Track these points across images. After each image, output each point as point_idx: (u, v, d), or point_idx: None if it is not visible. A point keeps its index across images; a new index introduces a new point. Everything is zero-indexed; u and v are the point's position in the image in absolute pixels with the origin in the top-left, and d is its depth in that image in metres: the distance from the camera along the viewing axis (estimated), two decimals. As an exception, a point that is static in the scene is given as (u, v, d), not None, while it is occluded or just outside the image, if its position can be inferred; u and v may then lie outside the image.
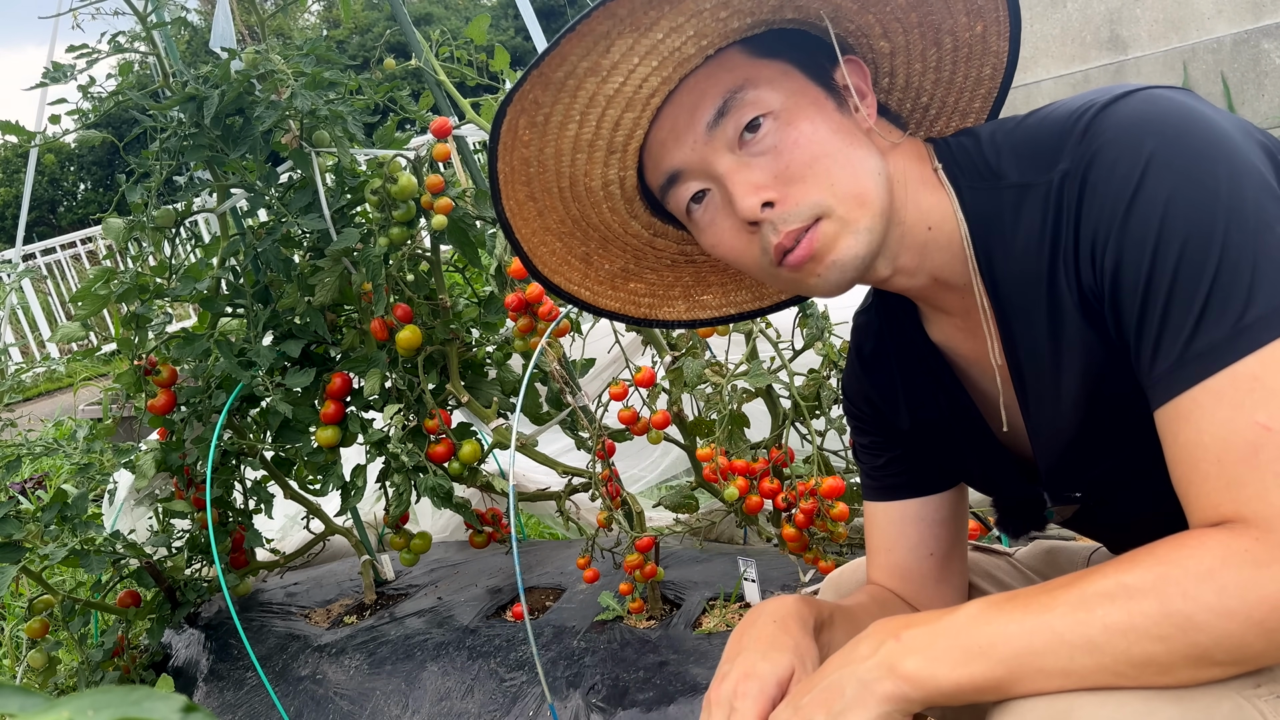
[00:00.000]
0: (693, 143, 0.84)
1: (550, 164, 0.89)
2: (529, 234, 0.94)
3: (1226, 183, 0.69)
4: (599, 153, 0.88)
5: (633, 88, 0.82)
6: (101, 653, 2.21)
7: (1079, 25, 5.60)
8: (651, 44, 0.79)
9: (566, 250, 0.97)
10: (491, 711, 1.84)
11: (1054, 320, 0.80)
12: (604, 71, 0.80)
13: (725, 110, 0.82)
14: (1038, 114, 0.82)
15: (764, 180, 0.82)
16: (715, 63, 0.83)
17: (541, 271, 0.97)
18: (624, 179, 0.91)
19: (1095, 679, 0.66)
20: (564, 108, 0.83)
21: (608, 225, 0.96)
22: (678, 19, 0.78)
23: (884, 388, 1.04)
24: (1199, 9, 5.22)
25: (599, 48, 0.79)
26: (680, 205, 0.88)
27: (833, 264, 0.83)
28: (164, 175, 2.05)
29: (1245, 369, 0.66)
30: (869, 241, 0.83)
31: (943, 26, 0.87)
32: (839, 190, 0.81)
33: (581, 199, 0.93)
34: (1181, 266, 0.69)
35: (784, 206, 0.81)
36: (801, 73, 0.84)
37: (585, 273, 0.99)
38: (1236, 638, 0.63)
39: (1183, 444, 0.70)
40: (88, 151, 21.91)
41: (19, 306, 9.24)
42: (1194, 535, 0.67)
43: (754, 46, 0.84)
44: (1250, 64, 5.11)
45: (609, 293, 1.01)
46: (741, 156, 0.82)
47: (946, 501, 1.04)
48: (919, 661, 0.70)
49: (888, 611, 1.01)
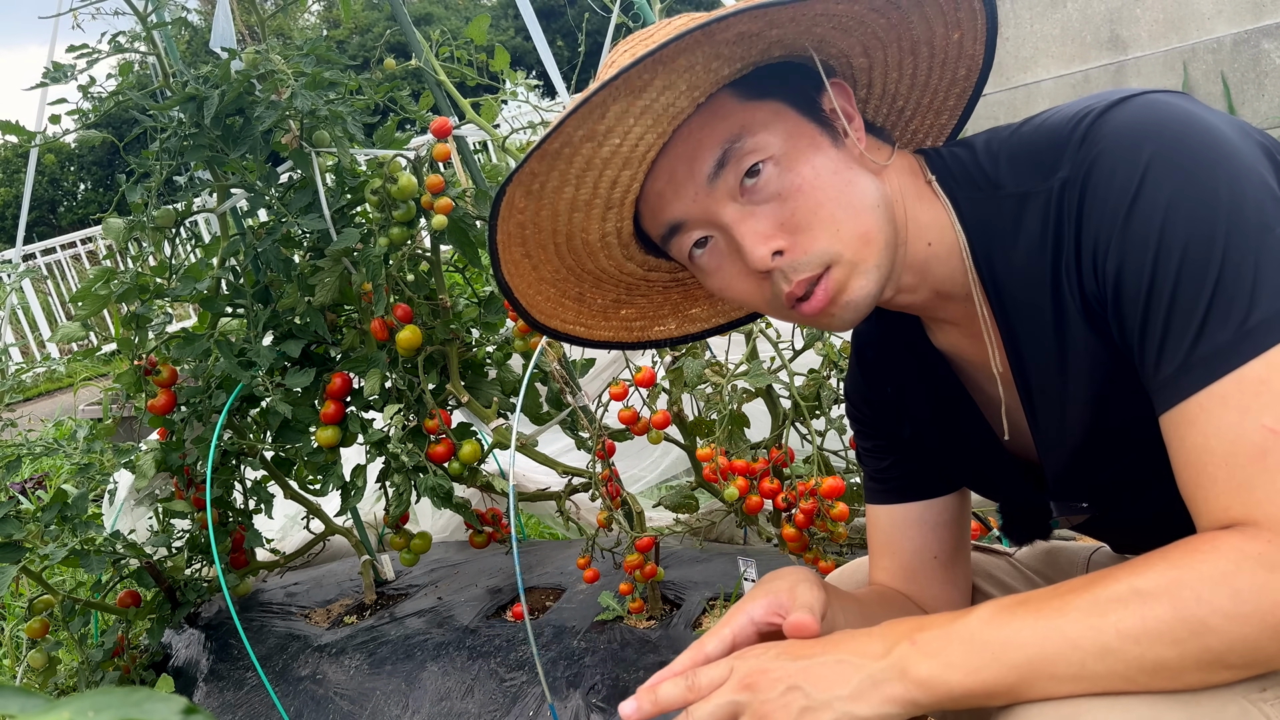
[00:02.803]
0: (694, 195, 0.83)
1: (546, 225, 0.89)
2: (524, 286, 0.94)
3: (1226, 186, 0.69)
4: (596, 210, 0.88)
5: (629, 147, 0.82)
6: (101, 653, 2.20)
7: (1079, 25, 5.60)
8: (645, 104, 0.79)
9: (560, 294, 0.97)
10: (491, 711, 1.84)
11: (1059, 327, 0.80)
12: (599, 137, 0.81)
13: (725, 161, 0.82)
14: (1033, 121, 0.82)
15: (770, 230, 0.82)
16: (707, 110, 0.82)
17: (538, 319, 0.97)
18: (621, 229, 0.91)
19: (1106, 684, 0.66)
20: (559, 174, 0.84)
21: (602, 269, 0.96)
22: (670, 77, 0.78)
23: (886, 395, 1.04)
24: (1199, 9, 5.22)
25: (594, 115, 0.79)
26: (683, 252, 0.88)
27: (847, 305, 0.83)
28: (164, 175, 2.05)
29: (1251, 372, 0.66)
30: (878, 278, 0.83)
31: (920, 38, 0.87)
32: (845, 235, 0.81)
33: (578, 251, 0.93)
34: (1183, 271, 0.69)
35: (793, 255, 0.81)
36: (793, 110, 0.84)
37: (579, 310, 1.00)
38: (1250, 641, 0.63)
39: (1189, 448, 0.69)
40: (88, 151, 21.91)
41: (19, 306, 9.24)
42: (1206, 539, 0.67)
43: (744, 89, 0.83)
44: (1250, 64, 5.11)
45: (602, 324, 1.02)
46: (745, 205, 0.82)
47: (950, 504, 1.04)
48: (932, 666, 0.70)
49: (895, 608, 1.01)
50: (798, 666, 0.74)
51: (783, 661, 0.75)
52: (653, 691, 0.78)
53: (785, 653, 0.76)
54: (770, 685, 0.73)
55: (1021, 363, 0.85)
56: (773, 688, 0.73)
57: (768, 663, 0.75)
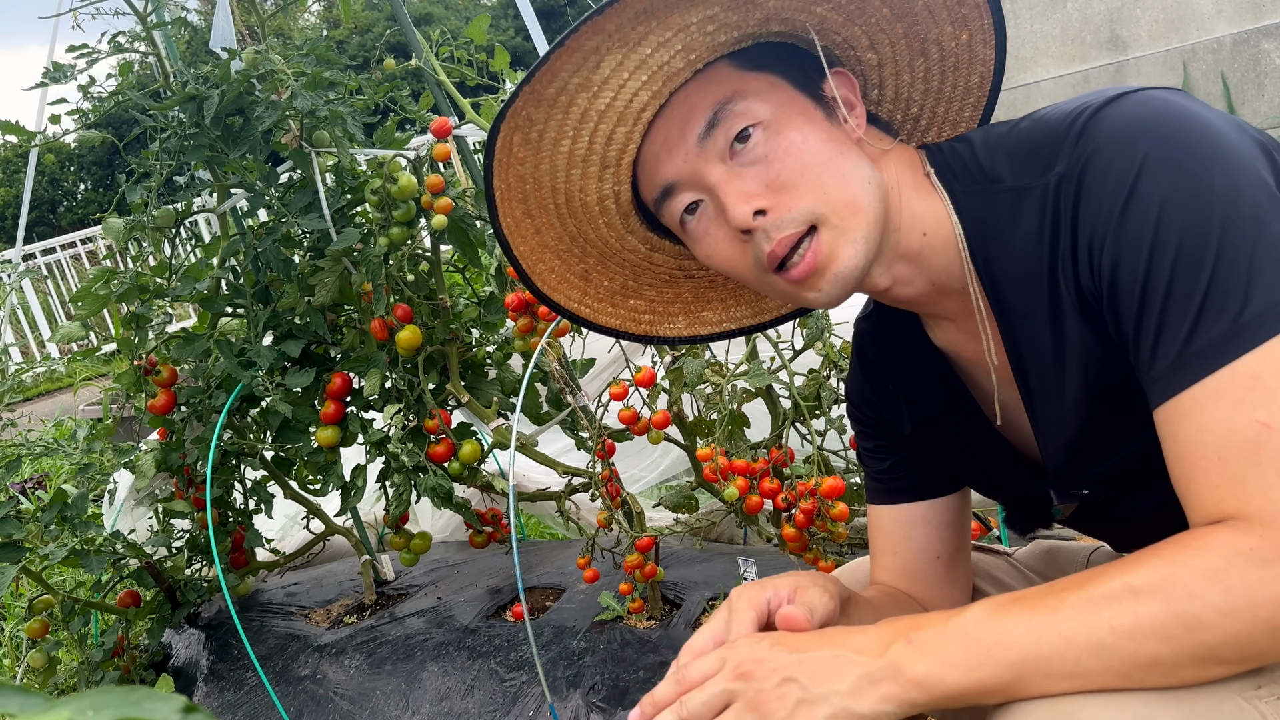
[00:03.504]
0: (684, 155, 0.85)
1: (545, 180, 0.90)
2: (527, 251, 0.95)
3: (1222, 181, 0.69)
4: (593, 168, 0.89)
5: (623, 102, 0.84)
6: (101, 653, 2.20)
7: (1079, 25, 5.60)
8: (640, 59, 0.81)
9: (565, 268, 0.98)
10: (491, 711, 1.84)
11: (1055, 321, 0.80)
12: (595, 87, 0.82)
13: (715, 121, 0.83)
14: (1032, 118, 0.83)
15: (755, 189, 0.83)
16: (704, 76, 0.84)
17: (540, 288, 0.98)
18: (619, 194, 0.92)
19: (1101, 681, 0.66)
20: (557, 124, 0.85)
21: (605, 241, 0.97)
22: (665, 34, 0.79)
23: (887, 393, 1.04)
24: (1199, 9, 5.22)
25: (589, 64, 0.80)
26: (674, 218, 0.89)
27: (834, 277, 0.84)
28: (164, 175, 2.05)
29: (1245, 367, 0.66)
30: (865, 251, 0.83)
31: (929, 37, 0.88)
32: (831, 197, 0.82)
33: (578, 215, 0.94)
34: (1178, 266, 0.69)
35: (776, 214, 0.82)
36: (790, 84, 0.85)
37: (585, 290, 1.00)
38: (1243, 636, 0.63)
39: (1183, 442, 0.70)
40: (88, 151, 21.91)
41: (19, 306, 9.24)
42: (1198, 535, 0.67)
43: (742, 60, 0.85)
44: (1250, 64, 5.11)
45: (609, 310, 1.02)
46: (733, 167, 0.83)
47: (951, 504, 1.05)
48: (928, 666, 0.70)
49: (906, 610, 1.01)
50: (794, 659, 0.74)
51: (778, 652, 0.75)
52: (651, 697, 0.78)
53: (779, 644, 0.76)
54: (766, 675, 0.73)
55: (1019, 356, 0.86)
56: (768, 678, 0.73)
57: (762, 653, 0.75)
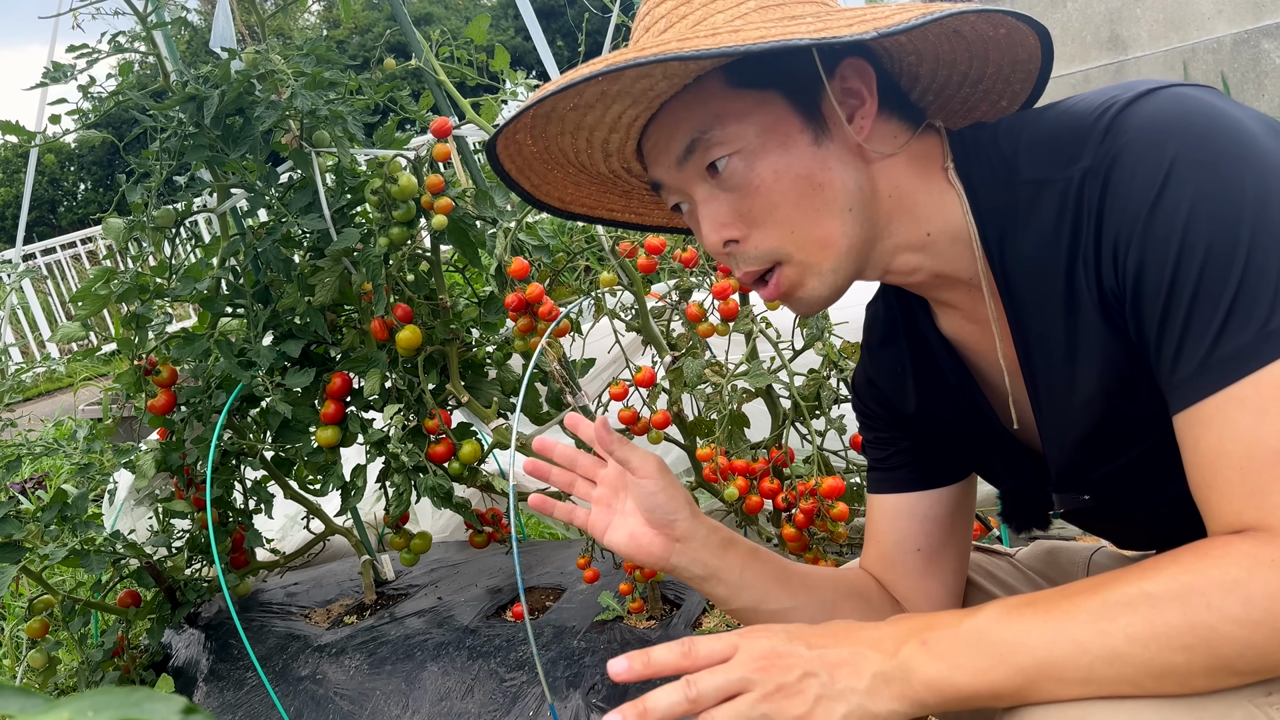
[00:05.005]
0: (668, 169, 0.87)
1: (555, 157, 0.95)
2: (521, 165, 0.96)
3: (1253, 184, 0.68)
4: (597, 155, 0.94)
5: (613, 118, 0.86)
6: (101, 653, 2.20)
7: (1079, 25, 5.60)
8: (621, 89, 0.81)
9: (565, 178, 1.00)
10: (491, 711, 1.84)
11: (1070, 318, 0.79)
12: (584, 107, 0.85)
13: (693, 149, 0.83)
14: (1056, 108, 0.80)
15: (728, 218, 0.84)
16: (692, 93, 0.83)
17: (521, 184, 0.98)
18: (629, 167, 0.97)
19: (1113, 688, 0.66)
20: (555, 130, 0.89)
21: (615, 174, 1.00)
22: (645, 69, 0.78)
23: (892, 371, 1.03)
24: (1199, 9, 5.22)
25: (570, 94, 0.82)
26: (667, 203, 0.92)
27: (800, 300, 0.87)
28: (164, 175, 2.04)
29: (1271, 376, 0.65)
30: (834, 281, 0.85)
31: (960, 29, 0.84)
32: (799, 237, 0.83)
33: (586, 167, 0.98)
34: (1206, 270, 0.67)
35: (744, 247, 0.85)
36: (783, 99, 0.82)
37: (573, 186, 1.02)
38: (1260, 648, 0.63)
39: (1204, 450, 0.68)
40: (88, 151, 21.91)
41: (19, 306, 9.24)
42: (1218, 544, 0.66)
43: (736, 74, 0.82)
44: (1250, 64, 5.11)
45: (585, 199, 1.03)
46: (713, 188, 0.85)
47: (945, 498, 1.04)
48: (940, 669, 0.70)
49: (854, 596, 1.04)
50: (814, 654, 0.74)
51: (797, 646, 0.75)
52: (646, 654, 0.76)
53: (796, 637, 0.76)
54: (786, 669, 0.73)
55: (1028, 351, 0.84)
56: (789, 671, 0.73)
57: (780, 645, 0.75)
